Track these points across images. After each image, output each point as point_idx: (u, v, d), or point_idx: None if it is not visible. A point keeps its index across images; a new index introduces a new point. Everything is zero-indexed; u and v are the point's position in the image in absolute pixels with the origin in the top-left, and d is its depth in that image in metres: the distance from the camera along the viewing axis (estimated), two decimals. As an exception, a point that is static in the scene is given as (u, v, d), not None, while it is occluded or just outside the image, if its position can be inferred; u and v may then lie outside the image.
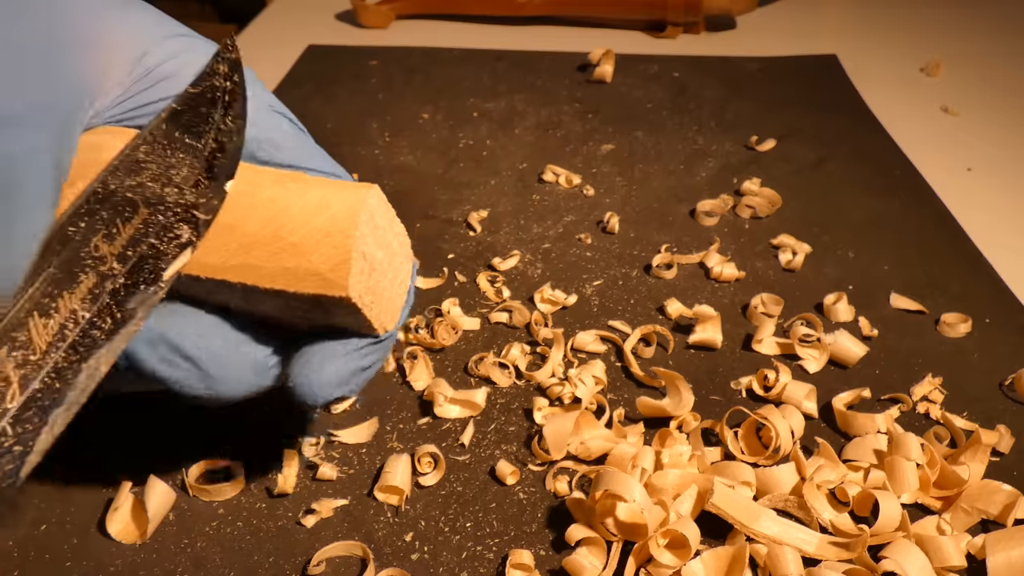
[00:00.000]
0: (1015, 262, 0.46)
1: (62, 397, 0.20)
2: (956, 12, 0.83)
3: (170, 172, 0.23)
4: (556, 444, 0.34)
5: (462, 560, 0.31)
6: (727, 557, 0.30)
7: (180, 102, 0.24)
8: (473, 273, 0.46)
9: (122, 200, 0.23)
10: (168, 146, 0.24)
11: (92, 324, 0.21)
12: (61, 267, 0.21)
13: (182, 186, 0.23)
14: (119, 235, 0.22)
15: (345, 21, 0.82)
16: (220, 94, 0.25)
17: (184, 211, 0.23)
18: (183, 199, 0.23)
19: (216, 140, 0.24)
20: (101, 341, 0.21)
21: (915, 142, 0.59)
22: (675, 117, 0.63)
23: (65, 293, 0.21)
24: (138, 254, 0.22)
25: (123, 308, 0.22)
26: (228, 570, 0.31)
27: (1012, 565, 0.29)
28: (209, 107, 0.24)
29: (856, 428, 0.36)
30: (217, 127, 0.24)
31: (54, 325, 0.21)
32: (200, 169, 0.24)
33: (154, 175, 0.23)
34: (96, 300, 0.21)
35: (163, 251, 0.23)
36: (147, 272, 0.22)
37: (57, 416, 0.20)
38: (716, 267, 0.46)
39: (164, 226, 0.23)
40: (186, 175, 0.23)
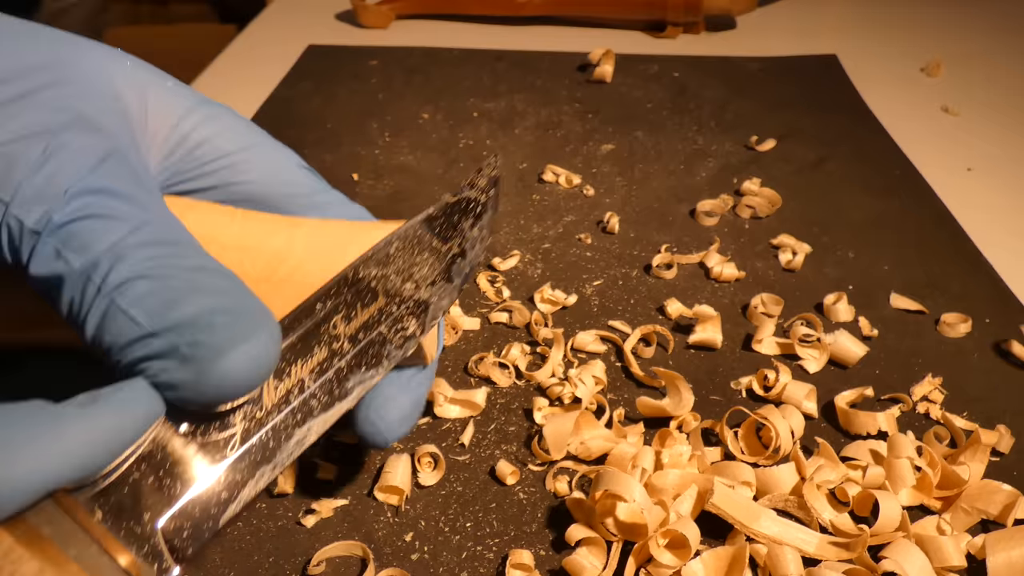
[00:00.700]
0: (1015, 262, 0.46)
1: (273, 456, 0.22)
2: (956, 11, 0.83)
3: (413, 269, 0.25)
4: (556, 444, 0.34)
5: (462, 560, 0.31)
6: (727, 557, 0.30)
7: (437, 208, 0.26)
8: (473, 273, 0.46)
9: (366, 288, 0.24)
10: (417, 245, 0.26)
11: (314, 395, 0.22)
12: (301, 338, 0.23)
13: (420, 283, 0.25)
14: (356, 318, 0.24)
15: (345, 21, 0.82)
16: (474, 206, 0.27)
17: (416, 306, 0.25)
18: (417, 295, 0.25)
19: (459, 246, 0.26)
20: (317, 411, 0.22)
21: (915, 142, 0.59)
22: (675, 117, 0.63)
23: (299, 361, 0.22)
24: (368, 339, 0.24)
25: (343, 385, 0.23)
26: (228, 570, 0.31)
27: (1012, 565, 0.29)
28: (461, 216, 0.26)
29: (858, 427, 0.36)
30: (464, 235, 0.26)
31: (283, 389, 0.22)
32: (440, 270, 0.25)
33: (399, 269, 0.25)
34: (323, 373, 0.23)
35: (389, 339, 0.24)
36: (371, 356, 0.24)
37: (264, 473, 0.21)
38: (716, 267, 0.46)
39: (396, 317, 0.24)
40: (426, 274, 0.25)
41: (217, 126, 0.27)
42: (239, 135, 0.27)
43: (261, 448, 0.21)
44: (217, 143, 0.27)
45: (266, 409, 0.22)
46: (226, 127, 0.27)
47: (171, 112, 0.26)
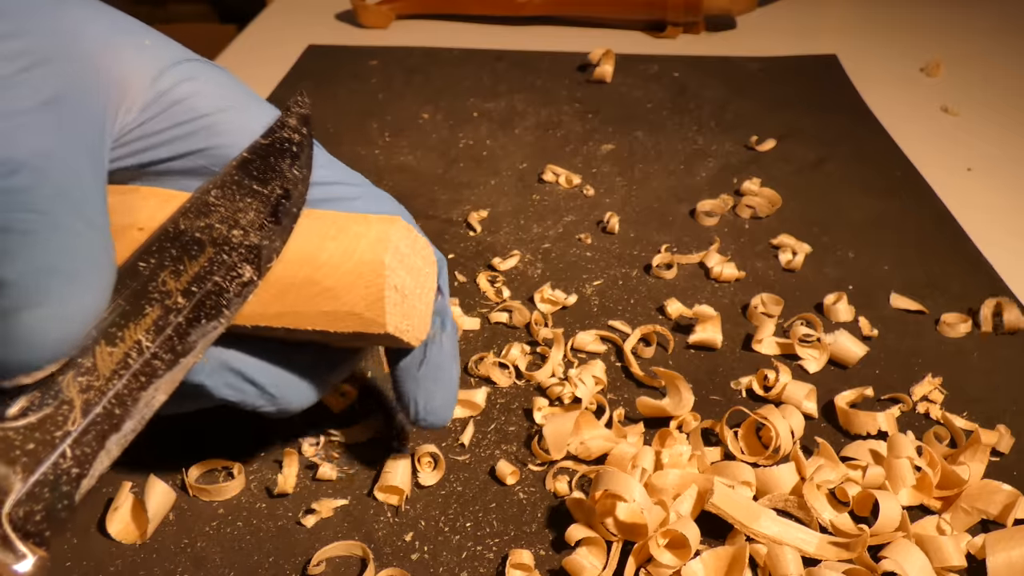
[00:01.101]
0: (1015, 262, 0.46)
1: (121, 423, 0.21)
2: (956, 12, 0.83)
3: (237, 215, 0.25)
4: (556, 444, 0.34)
5: (462, 560, 0.31)
6: (727, 557, 0.30)
7: (250, 151, 0.26)
8: (473, 273, 0.46)
9: (191, 240, 0.24)
10: (237, 191, 0.25)
11: (155, 355, 0.22)
12: (129, 299, 0.22)
13: (247, 228, 0.24)
14: (185, 272, 0.23)
15: (345, 21, 0.82)
16: (288, 145, 0.26)
17: (248, 252, 0.24)
18: (247, 240, 0.24)
19: (282, 187, 0.25)
20: (161, 371, 0.22)
21: (915, 142, 0.59)
22: (675, 117, 0.63)
23: (131, 324, 0.22)
24: (203, 290, 0.23)
25: (185, 341, 0.23)
26: (228, 570, 0.31)
27: (1012, 565, 0.29)
28: (277, 157, 0.26)
29: (858, 427, 0.36)
30: (283, 175, 0.26)
31: (119, 353, 0.21)
32: (266, 213, 0.25)
33: (222, 217, 0.24)
34: (160, 332, 0.22)
35: (226, 288, 0.24)
36: (210, 308, 0.23)
37: (114, 442, 0.21)
38: (716, 267, 0.46)
39: (228, 265, 0.24)
40: (252, 218, 0.25)
41: (197, 85, 0.26)
42: (219, 95, 0.26)
43: (107, 417, 0.21)
44: (194, 102, 0.26)
45: (104, 376, 0.21)
46: (206, 85, 0.26)
47: (147, 70, 0.25)
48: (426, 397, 0.30)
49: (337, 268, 0.25)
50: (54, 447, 0.20)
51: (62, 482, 0.20)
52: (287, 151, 0.26)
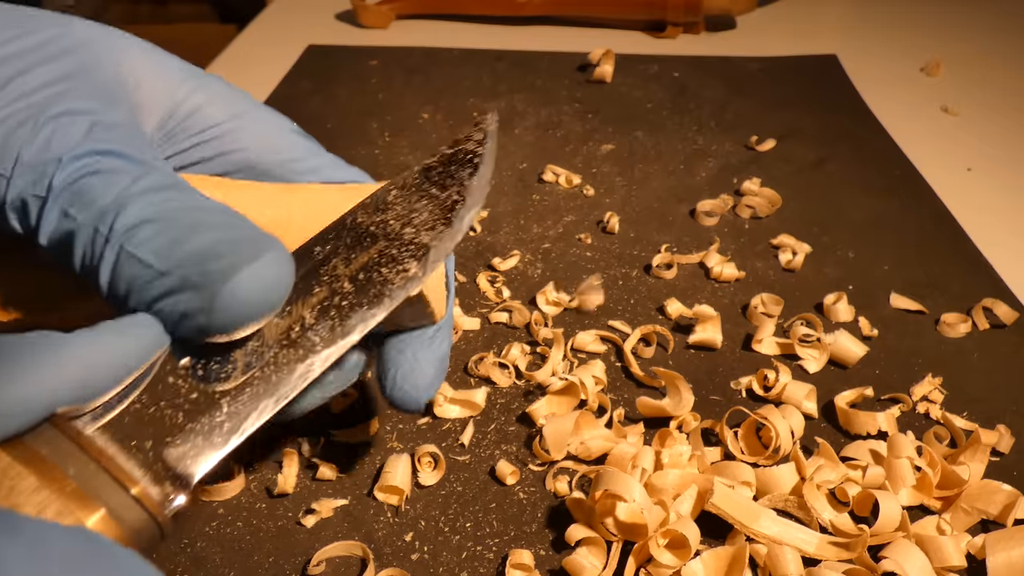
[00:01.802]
0: (1015, 262, 0.46)
1: (275, 389, 0.22)
2: (956, 11, 0.83)
3: (412, 215, 0.26)
4: (556, 444, 0.34)
5: (462, 560, 0.31)
6: (727, 557, 0.30)
7: (434, 159, 0.28)
8: (473, 273, 0.46)
9: (365, 232, 0.25)
10: (415, 193, 0.27)
11: (315, 331, 0.23)
12: (301, 278, 0.24)
13: (419, 228, 0.26)
14: (355, 260, 0.25)
15: (345, 21, 0.82)
16: (470, 157, 0.28)
17: (416, 249, 0.25)
18: (418, 238, 0.25)
19: (459, 194, 0.27)
20: (319, 347, 0.23)
21: (915, 142, 0.59)
22: (675, 117, 0.63)
23: (300, 300, 0.23)
24: (368, 279, 0.24)
25: (345, 323, 0.24)
26: (228, 570, 0.31)
27: (1012, 565, 0.29)
28: (458, 166, 0.27)
29: (858, 427, 0.36)
30: (461, 184, 0.27)
31: (284, 325, 0.23)
32: (439, 216, 0.26)
33: (397, 215, 0.26)
34: (324, 312, 0.24)
35: (390, 280, 0.25)
36: (372, 296, 0.24)
37: (267, 405, 0.22)
38: (716, 267, 0.46)
39: (396, 259, 0.25)
40: (425, 219, 0.26)
41: (208, 94, 0.27)
42: (230, 103, 0.28)
43: (263, 381, 0.22)
44: (208, 112, 0.27)
45: (267, 344, 0.22)
46: (217, 95, 0.27)
47: (163, 83, 0.26)
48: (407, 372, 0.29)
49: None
50: (213, 401, 0.21)
51: (215, 433, 0.21)
52: (468, 162, 0.27)
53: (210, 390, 0.21)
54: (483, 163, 0.28)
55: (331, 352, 0.23)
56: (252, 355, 0.22)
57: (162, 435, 0.20)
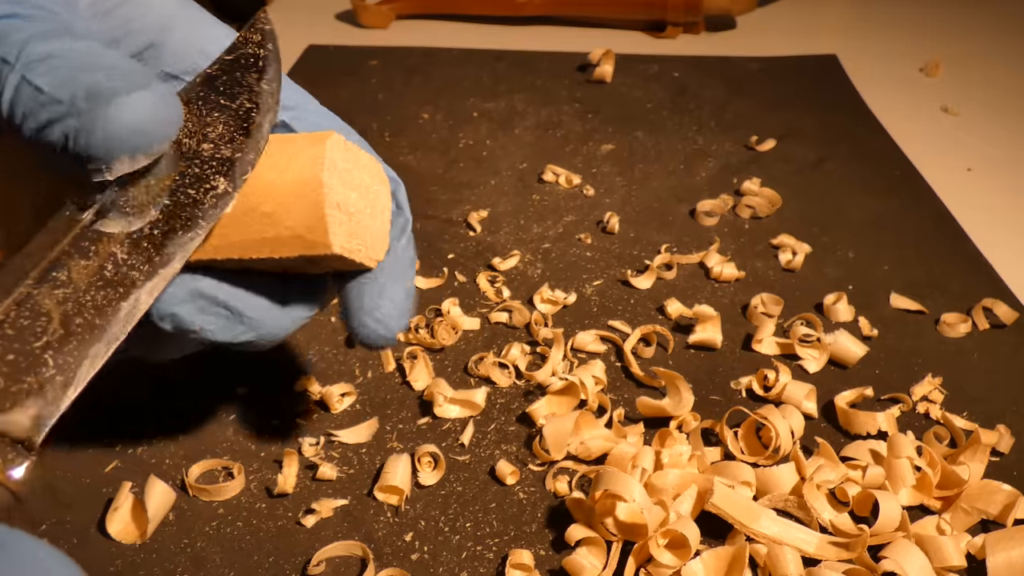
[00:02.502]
0: (1015, 262, 0.46)
1: (102, 332, 0.22)
2: (956, 11, 0.83)
3: (206, 129, 0.25)
4: (556, 444, 0.34)
5: (462, 560, 0.31)
6: (727, 557, 0.30)
7: (215, 68, 0.26)
8: (473, 273, 0.46)
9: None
10: (203, 106, 0.25)
11: (131, 266, 0.22)
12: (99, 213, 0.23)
13: (217, 142, 0.25)
14: (155, 186, 0.24)
15: (345, 21, 0.82)
16: (254, 60, 0.26)
17: (220, 164, 0.24)
18: (219, 153, 0.24)
19: (250, 100, 0.25)
20: (140, 281, 0.22)
21: (915, 142, 0.59)
22: (675, 117, 0.63)
23: (104, 237, 0.22)
24: (175, 203, 0.23)
25: (162, 252, 0.23)
26: (228, 570, 0.31)
27: (1012, 565, 0.29)
28: (243, 72, 0.26)
29: (858, 427, 0.36)
30: (251, 90, 0.26)
31: (94, 266, 0.22)
32: (235, 127, 0.25)
33: (189, 132, 0.25)
34: (135, 244, 0.23)
35: (200, 200, 0.24)
36: (185, 219, 0.23)
37: (98, 351, 0.21)
38: (716, 267, 0.46)
39: (200, 177, 0.24)
40: (221, 132, 0.25)
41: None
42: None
43: (86, 327, 0.21)
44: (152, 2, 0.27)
45: (80, 288, 0.22)
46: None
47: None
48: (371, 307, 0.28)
49: (274, 191, 0.25)
50: (35, 357, 0.21)
51: (47, 390, 0.21)
52: (253, 66, 0.26)
53: (27, 347, 0.21)
54: (268, 64, 0.26)
55: (154, 284, 0.23)
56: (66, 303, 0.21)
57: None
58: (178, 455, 0.35)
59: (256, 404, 0.38)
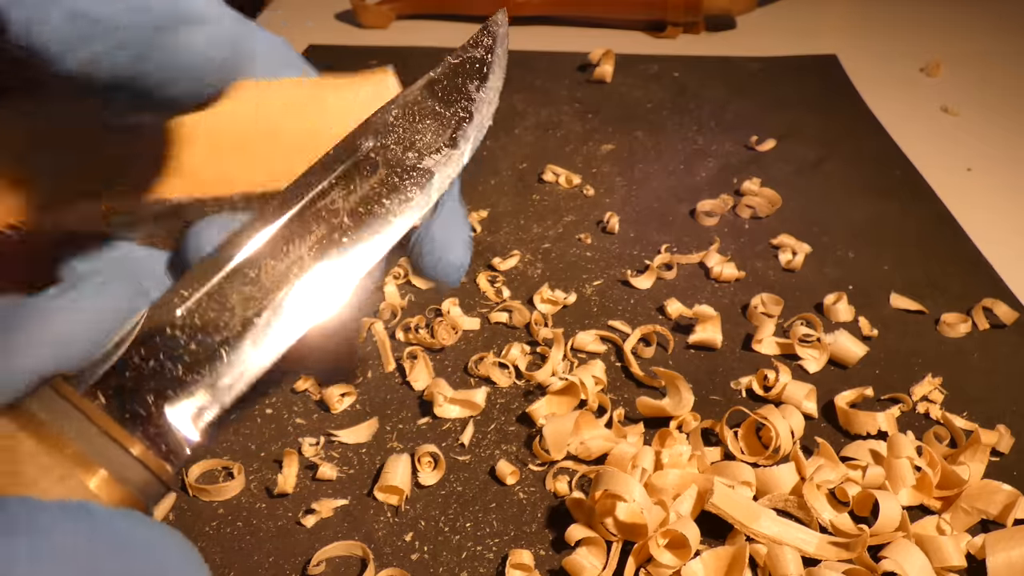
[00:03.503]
0: (1015, 262, 0.46)
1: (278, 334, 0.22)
2: (956, 11, 0.83)
3: (415, 137, 0.25)
4: (556, 444, 0.34)
5: (462, 560, 0.31)
6: (727, 557, 0.30)
7: (439, 71, 0.26)
8: (473, 273, 0.46)
9: (365, 159, 0.24)
10: (418, 112, 0.25)
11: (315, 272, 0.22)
12: (296, 216, 0.23)
13: (422, 151, 0.24)
14: (355, 192, 0.23)
15: (345, 21, 0.82)
16: (479, 66, 0.26)
17: (420, 175, 0.24)
18: (421, 163, 0.24)
19: (465, 110, 0.25)
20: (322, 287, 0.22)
21: (915, 142, 0.59)
22: (675, 117, 0.63)
23: (296, 239, 0.22)
24: (369, 211, 0.23)
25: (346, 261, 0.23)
26: (228, 570, 0.31)
27: (1012, 565, 0.29)
28: (465, 77, 0.26)
29: (858, 427, 0.36)
30: (469, 97, 0.25)
31: (282, 268, 0.22)
32: (444, 137, 0.25)
33: (399, 138, 0.24)
34: (324, 251, 0.23)
35: (392, 210, 0.24)
36: (374, 230, 0.23)
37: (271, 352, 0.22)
38: (716, 267, 0.46)
39: (397, 187, 0.24)
40: (429, 141, 0.25)
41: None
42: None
43: (264, 327, 0.22)
44: None
45: (266, 288, 0.22)
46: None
47: None
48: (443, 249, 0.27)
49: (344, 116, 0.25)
50: (213, 350, 0.21)
51: (218, 384, 0.21)
52: (476, 72, 0.26)
53: (208, 339, 0.21)
54: (492, 72, 0.26)
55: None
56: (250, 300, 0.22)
57: (162, 389, 0.20)
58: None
59: (256, 404, 0.38)
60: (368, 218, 0.23)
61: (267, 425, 0.37)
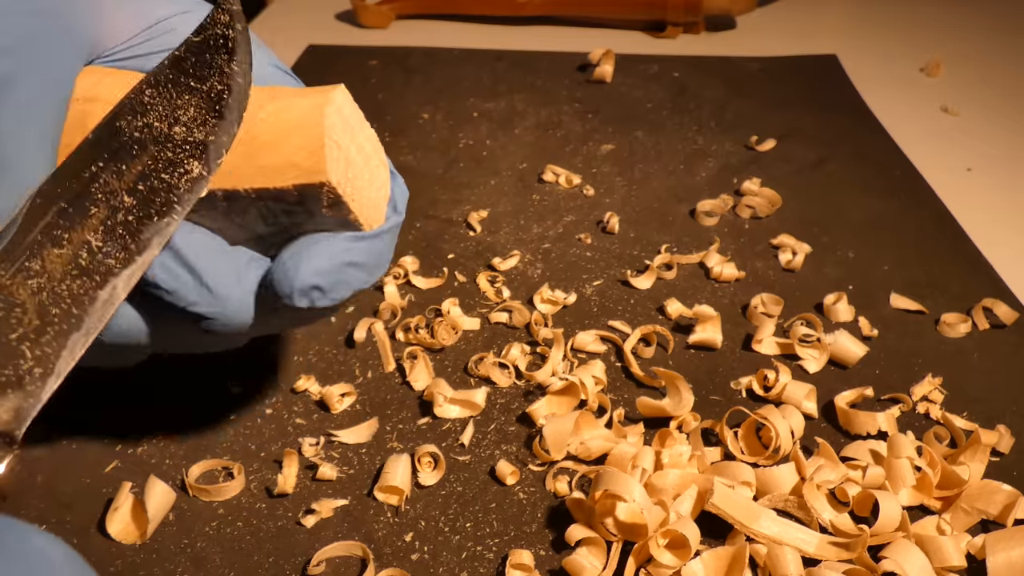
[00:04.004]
0: (1015, 262, 0.46)
1: (80, 322, 0.21)
2: (956, 12, 0.83)
3: (176, 112, 0.24)
4: (556, 444, 0.34)
5: (462, 560, 0.31)
6: (727, 557, 0.30)
7: (183, 49, 0.26)
8: (473, 273, 0.46)
9: (129, 139, 0.24)
10: (173, 88, 0.25)
11: (106, 253, 0.22)
12: (71, 201, 0.22)
13: (190, 125, 0.24)
14: (128, 171, 0.23)
15: (345, 21, 0.82)
16: (223, 41, 0.26)
17: (194, 148, 0.24)
18: (191, 136, 0.24)
19: (221, 83, 0.25)
20: (117, 269, 0.22)
21: (915, 142, 0.59)
22: (675, 117, 0.63)
23: (77, 225, 0.22)
24: (149, 188, 0.23)
25: (137, 239, 0.23)
26: (228, 570, 0.31)
27: (1012, 565, 0.29)
28: (212, 53, 0.25)
29: (858, 427, 0.36)
30: (221, 70, 0.25)
31: (68, 254, 0.22)
32: (207, 109, 0.25)
33: (160, 115, 0.24)
34: (110, 231, 0.22)
35: (175, 185, 0.23)
36: (160, 205, 0.23)
37: (76, 340, 0.21)
38: (716, 267, 0.46)
39: (173, 162, 0.24)
40: (193, 115, 0.24)
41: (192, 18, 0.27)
42: None
43: (64, 316, 0.21)
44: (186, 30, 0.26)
45: (55, 278, 0.21)
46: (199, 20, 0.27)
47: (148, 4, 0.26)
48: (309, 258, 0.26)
49: (277, 122, 0.25)
50: (12, 349, 0.20)
51: (27, 382, 0.20)
52: (222, 47, 0.26)
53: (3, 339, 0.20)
54: (238, 45, 0.26)
55: (132, 271, 0.22)
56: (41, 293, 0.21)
57: None
58: (178, 455, 0.35)
59: (256, 404, 0.38)
60: (150, 194, 0.23)
61: (267, 425, 0.37)
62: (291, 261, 0.25)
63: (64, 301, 0.21)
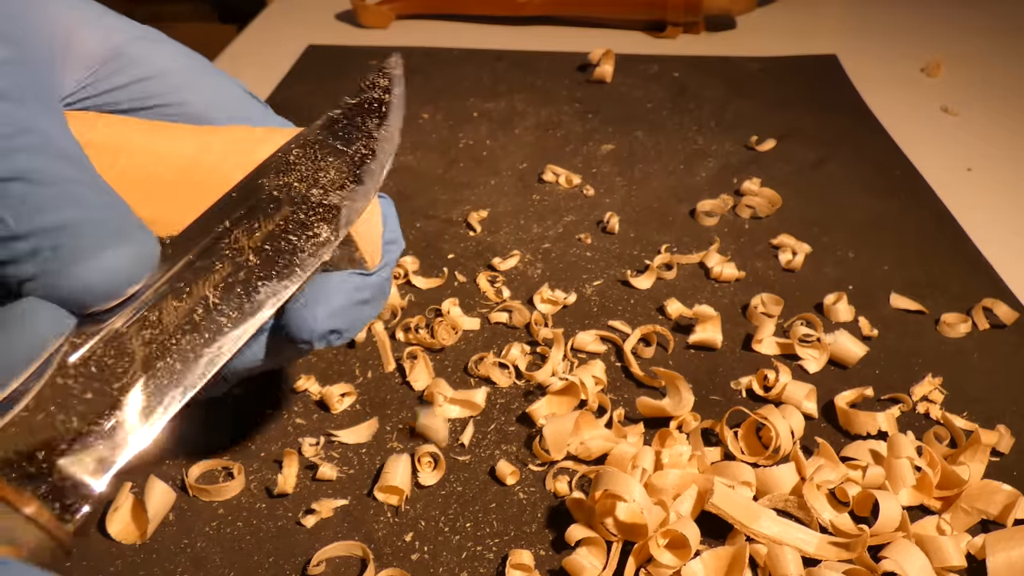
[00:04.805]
0: (1015, 262, 0.46)
1: (181, 378, 0.21)
2: (956, 12, 0.83)
3: (318, 174, 0.24)
4: (556, 444, 0.34)
5: (462, 560, 0.31)
6: (727, 557, 0.30)
7: (338, 112, 0.26)
8: (473, 273, 0.46)
9: (267, 197, 0.24)
10: (319, 150, 0.25)
11: (220, 311, 0.22)
12: (199, 255, 0.22)
13: (327, 188, 0.24)
14: (260, 229, 0.23)
15: (345, 21, 0.82)
16: (376, 105, 0.26)
17: (326, 211, 0.24)
18: (326, 200, 0.24)
19: (367, 147, 0.25)
20: (227, 328, 0.22)
21: (915, 142, 0.59)
22: (675, 117, 0.63)
23: (200, 279, 0.22)
24: (275, 249, 0.23)
25: (253, 299, 0.22)
26: (228, 570, 0.31)
27: (1012, 565, 0.29)
28: (364, 117, 0.26)
29: (858, 427, 0.36)
30: (369, 134, 0.25)
31: (185, 308, 0.21)
32: (347, 173, 0.24)
33: (301, 176, 0.24)
34: (229, 289, 0.22)
35: (301, 248, 0.23)
36: (281, 266, 0.23)
37: (174, 396, 0.21)
38: (716, 267, 0.46)
39: (304, 224, 0.23)
40: (333, 178, 0.24)
41: (157, 48, 0.26)
42: (176, 55, 0.26)
43: (167, 372, 0.21)
44: (151, 59, 0.26)
45: (168, 331, 0.21)
46: (166, 51, 0.26)
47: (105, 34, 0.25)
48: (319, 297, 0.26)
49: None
50: (112, 399, 0.20)
51: (117, 434, 0.20)
52: (375, 111, 0.26)
53: (105, 387, 0.20)
54: (391, 111, 0.26)
55: (241, 332, 0.22)
56: (151, 344, 0.21)
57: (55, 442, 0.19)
58: (178, 455, 0.35)
59: (256, 404, 0.38)
60: (275, 255, 0.23)
61: (267, 425, 0.37)
62: (307, 310, 0.26)
63: (171, 355, 0.21)
